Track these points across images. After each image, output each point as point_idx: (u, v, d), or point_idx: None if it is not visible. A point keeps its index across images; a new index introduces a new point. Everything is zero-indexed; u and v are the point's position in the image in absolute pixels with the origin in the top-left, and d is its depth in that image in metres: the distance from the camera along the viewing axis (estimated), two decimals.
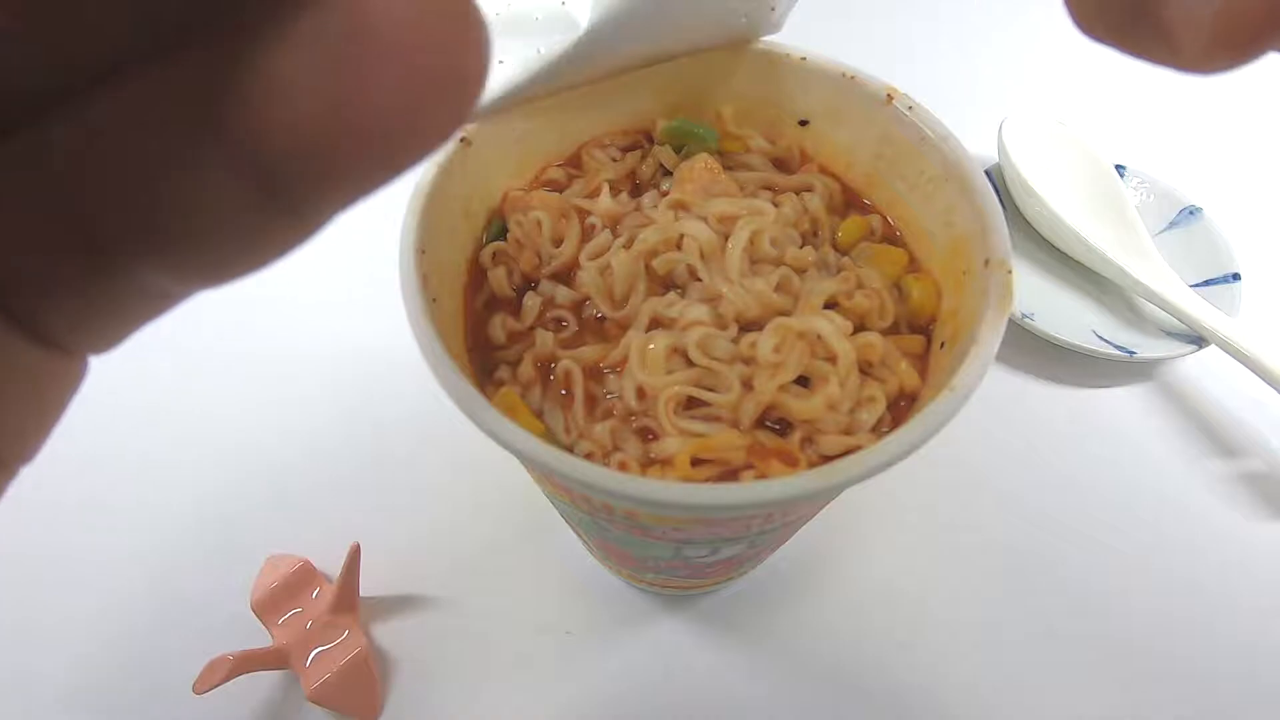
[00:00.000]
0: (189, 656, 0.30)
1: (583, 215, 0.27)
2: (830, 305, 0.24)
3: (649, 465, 0.22)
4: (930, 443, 0.19)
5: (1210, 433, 0.41)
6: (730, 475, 0.22)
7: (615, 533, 0.24)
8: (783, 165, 0.29)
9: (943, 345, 0.24)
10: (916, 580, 0.36)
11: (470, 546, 0.36)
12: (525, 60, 0.23)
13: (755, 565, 0.33)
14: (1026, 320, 0.41)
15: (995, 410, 0.41)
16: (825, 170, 0.29)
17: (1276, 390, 0.37)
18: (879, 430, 0.22)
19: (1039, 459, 0.40)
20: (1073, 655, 0.34)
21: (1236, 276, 0.43)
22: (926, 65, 0.49)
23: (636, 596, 0.35)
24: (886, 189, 0.28)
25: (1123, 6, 0.10)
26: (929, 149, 0.25)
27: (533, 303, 0.25)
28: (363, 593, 0.34)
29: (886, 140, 0.26)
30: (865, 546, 0.36)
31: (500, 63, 0.23)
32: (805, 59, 0.27)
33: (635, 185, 0.29)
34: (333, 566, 0.34)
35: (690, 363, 0.23)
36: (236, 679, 0.29)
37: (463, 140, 0.24)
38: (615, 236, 0.26)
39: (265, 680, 0.32)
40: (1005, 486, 0.39)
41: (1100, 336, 0.42)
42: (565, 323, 0.25)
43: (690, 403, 0.22)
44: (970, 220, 0.23)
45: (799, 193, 0.27)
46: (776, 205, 0.26)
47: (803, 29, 0.29)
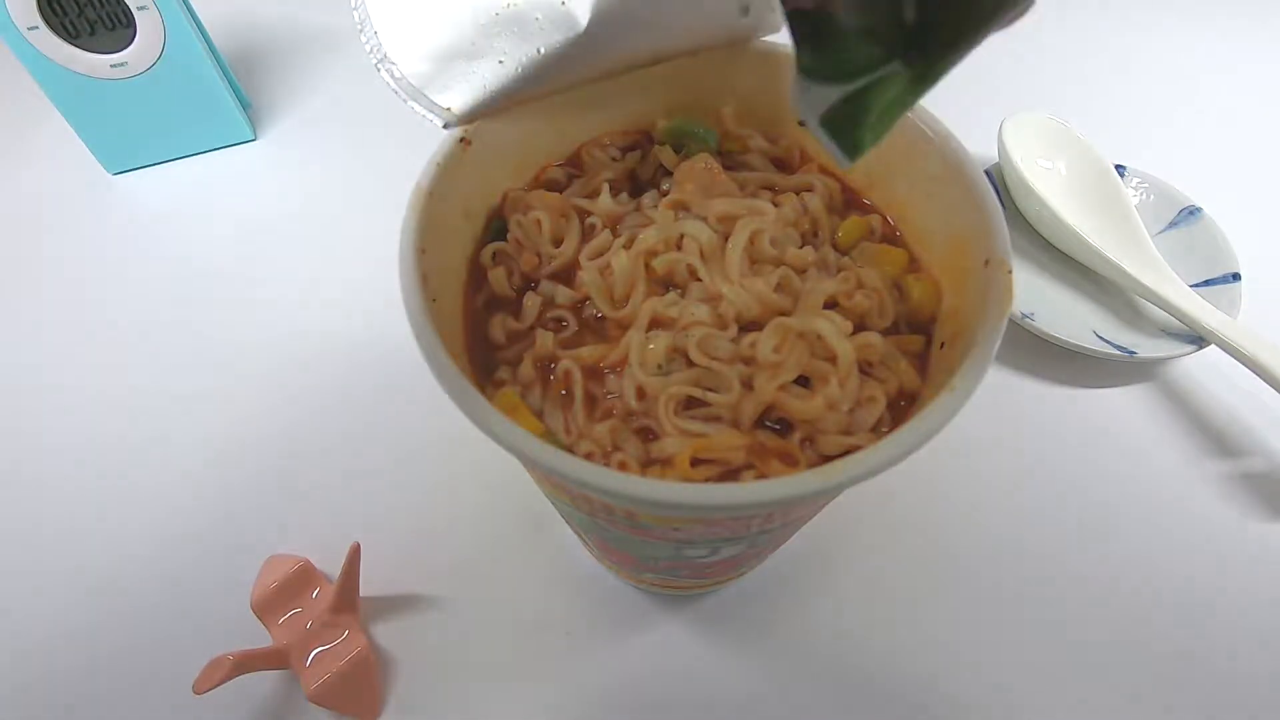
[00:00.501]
0: (189, 656, 0.30)
1: (583, 215, 0.27)
2: (830, 305, 0.24)
3: (649, 465, 0.22)
4: (930, 443, 0.19)
5: (1210, 433, 0.41)
6: (730, 475, 0.21)
7: (615, 533, 0.24)
8: (783, 165, 0.29)
9: (943, 345, 0.24)
10: (916, 580, 0.36)
11: (470, 546, 0.36)
12: (525, 60, 0.23)
13: (755, 565, 0.33)
14: (1026, 320, 0.41)
15: (995, 410, 0.41)
16: (825, 170, 0.29)
17: (1276, 390, 0.37)
18: (879, 430, 0.22)
19: (1039, 459, 0.40)
20: (1072, 655, 0.34)
21: (1236, 276, 0.43)
22: None
23: (636, 596, 0.35)
24: (886, 189, 0.28)
25: None
26: (929, 149, 0.25)
27: (533, 303, 0.25)
28: (363, 593, 0.34)
29: (887, 140, 0.26)
30: (865, 547, 0.36)
31: (500, 63, 0.23)
32: None
33: (635, 185, 0.29)
34: (333, 566, 0.34)
35: (690, 363, 0.23)
36: (236, 679, 0.29)
37: (463, 140, 0.24)
38: (615, 236, 0.26)
39: (265, 680, 0.32)
40: (1005, 486, 0.39)
41: (1100, 336, 0.42)
42: (565, 323, 0.25)
43: (690, 403, 0.22)
44: (970, 220, 0.23)
45: (799, 193, 0.27)
46: (776, 205, 0.26)
47: None
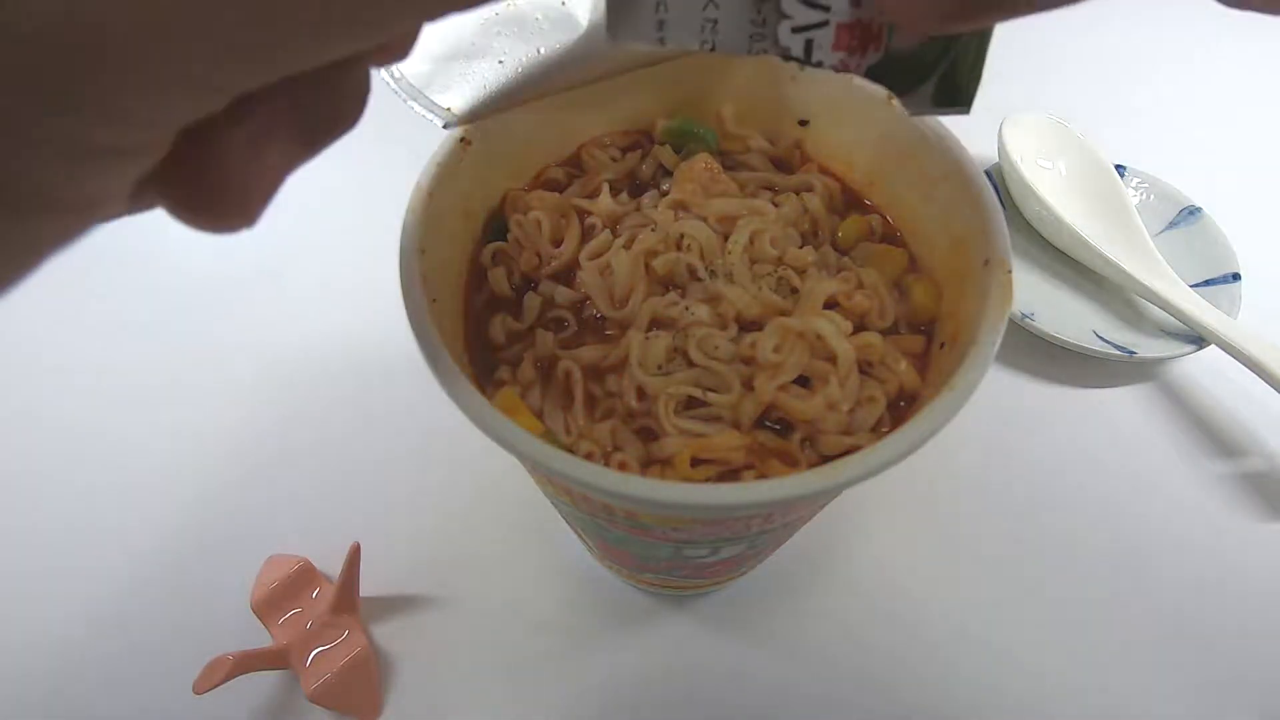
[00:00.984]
0: (189, 656, 0.30)
1: (583, 215, 0.27)
2: (830, 305, 0.24)
3: (649, 465, 0.22)
4: (930, 442, 0.19)
5: (1210, 433, 0.41)
6: (730, 475, 0.21)
7: (615, 533, 0.24)
8: (783, 165, 0.29)
9: (943, 345, 0.24)
10: (917, 580, 0.36)
11: (470, 546, 0.36)
12: (525, 60, 0.23)
13: (756, 565, 0.33)
14: (1026, 320, 0.41)
15: (995, 410, 0.41)
16: (825, 170, 0.29)
17: (1276, 390, 0.37)
18: (879, 430, 0.22)
19: (1039, 459, 0.40)
20: (1072, 654, 0.34)
21: (1236, 276, 0.43)
22: None
23: (636, 596, 0.35)
24: (887, 189, 0.28)
25: None
26: (929, 149, 0.25)
27: (533, 303, 0.25)
28: (363, 593, 0.34)
29: (887, 140, 0.26)
30: (865, 546, 0.36)
31: (500, 63, 0.23)
32: None
33: (635, 185, 0.29)
34: (333, 566, 0.34)
35: (690, 363, 0.23)
36: (236, 679, 0.29)
37: (463, 140, 0.24)
38: (615, 236, 0.26)
39: (265, 680, 0.32)
40: (1005, 486, 0.39)
41: (1100, 336, 0.42)
42: (565, 323, 0.25)
43: (690, 403, 0.22)
44: (970, 220, 0.23)
45: (799, 193, 0.27)
46: (776, 205, 0.26)
47: None
